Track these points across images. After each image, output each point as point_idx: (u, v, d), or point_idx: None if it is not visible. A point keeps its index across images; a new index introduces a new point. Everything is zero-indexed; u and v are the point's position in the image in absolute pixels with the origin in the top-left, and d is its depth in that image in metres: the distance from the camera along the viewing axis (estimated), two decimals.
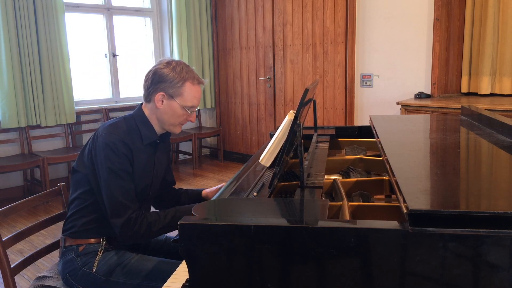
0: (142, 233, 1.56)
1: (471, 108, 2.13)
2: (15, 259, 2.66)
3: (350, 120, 4.60)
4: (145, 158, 1.67)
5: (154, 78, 1.64)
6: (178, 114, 1.66)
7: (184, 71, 1.64)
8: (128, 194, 1.57)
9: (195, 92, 1.66)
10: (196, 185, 4.75)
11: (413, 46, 4.08)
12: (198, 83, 1.68)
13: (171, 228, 1.62)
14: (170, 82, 1.62)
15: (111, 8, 5.08)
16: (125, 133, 1.61)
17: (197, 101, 1.68)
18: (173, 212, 1.62)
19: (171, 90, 1.62)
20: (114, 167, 1.55)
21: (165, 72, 1.63)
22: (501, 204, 1.01)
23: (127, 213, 1.55)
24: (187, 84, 1.63)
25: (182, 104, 1.64)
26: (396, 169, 1.21)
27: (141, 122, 1.67)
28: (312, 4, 4.66)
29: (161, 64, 1.66)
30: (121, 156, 1.56)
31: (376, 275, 0.94)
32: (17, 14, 4.08)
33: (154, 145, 1.71)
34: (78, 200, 1.66)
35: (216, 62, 5.73)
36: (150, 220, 1.58)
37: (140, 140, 1.66)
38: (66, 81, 4.47)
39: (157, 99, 1.64)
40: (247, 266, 1.00)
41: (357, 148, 2.09)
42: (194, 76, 1.67)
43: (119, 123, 1.65)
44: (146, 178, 1.69)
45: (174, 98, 1.63)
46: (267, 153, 1.64)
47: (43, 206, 4.07)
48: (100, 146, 1.57)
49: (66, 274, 1.61)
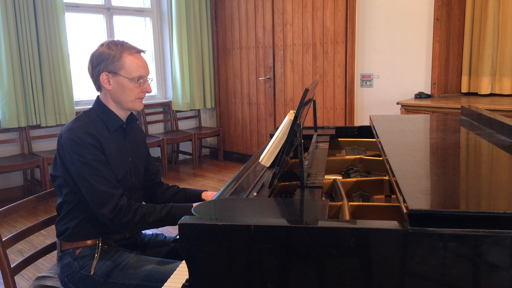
0: (136, 221, 1.55)
1: (471, 108, 2.13)
2: (15, 259, 2.66)
3: (350, 120, 4.60)
4: (115, 145, 1.65)
5: (93, 62, 1.63)
6: (129, 88, 1.63)
7: (118, 45, 1.63)
8: (107, 181, 1.55)
9: (137, 60, 1.64)
10: (196, 185, 4.75)
11: (413, 46, 4.08)
12: (136, 51, 1.66)
13: (165, 222, 1.62)
14: (107, 59, 1.60)
15: (111, 8, 5.08)
16: (87, 124, 1.60)
17: (144, 70, 1.66)
18: (168, 207, 1.63)
19: (111, 66, 1.61)
20: (84, 159, 1.53)
21: (101, 51, 1.62)
22: (501, 204, 1.01)
23: (113, 199, 1.53)
24: (124, 55, 1.62)
25: (129, 77, 1.62)
26: (396, 169, 1.21)
27: (101, 112, 1.66)
28: (312, 4, 4.66)
29: (96, 48, 1.66)
30: (89, 147, 1.55)
31: (376, 275, 0.94)
32: (17, 14, 4.08)
33: (121, 131, 1.70)
34: (65, 204, 1.65)
35: (216, 62, 5.73)
36: (145, 211, 1.58)
37: (106, 129, 1.64)
38: (66, 81, 4.47)
39: (104, 81, 1.63)
40: (247, 266, 1.00)
41: (357, 148, 2.09)
42: (131, 46, 1.66)
43: (80, 117, 1.64)
44: (122, 165, 1.67)
45: (118, 73, 1.61)
46: (267, 153, 1.64)
47: (43, 206, 4.07)
48: (65, 143, 1.56)
49: (64, 277, 1.61)
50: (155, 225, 1.61)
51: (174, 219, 1.60)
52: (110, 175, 1.58)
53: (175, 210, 1.62)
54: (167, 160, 5.35)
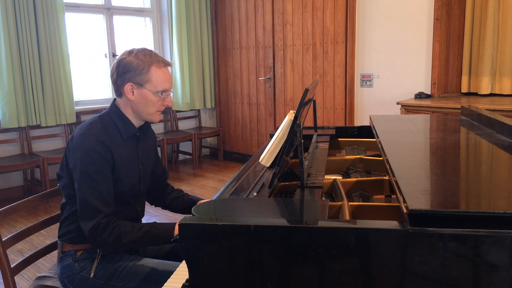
0: (110, 241, 1.49)
1: (471, 108, 2.13)
2: (15, 259, 2.66)
3: (350, 120, 4.60)
4: (127, 153, 1.63)
5: (119, 70, 1.59)
6: (152, 101, 1.61)
7: (147, 56, 1.59)
8: (101, 197, 1.51)
9: (163, 74, 1.61)
10: (196, 185, 4.75)
11: (413, 46, 4.08)
12: (164, 65, 1.62)
13: (142, 243, 1.57)
14: (135, 70, 1.57)
15: (111, 8, 5.08)
16: (101, 131, 1.57)
17: (169, 84, 1.63)
18: (148, 227, 1.55)
19: (138, 77, 1.58)
20: (86, 169, 1.50)
21: (129, 61, 1.57)
22: (501, 204, 1.01)
23: (98, 217, 1.48)
24: (153, 68, 1.58)
25: (153, 90, 1.59)
26: (396, 169, 1.21)
27: (117, 117, 1.63)
28: (312, 4, 4.66)
29: (123, 54, 1.61)
30: (97, 158, 1.51)
31: (376, 275, 0.94)
32: (17, 14, 4.08)
33: (134, 139, 1.68)
34: (68, 205, 1.64)
35: (216, 62, 5.73)
36: (121, 230, 1.51)
37: (119, 135, 1.62)
38: (66, 81, 4.47)
39: (127, 91, 1.59)
40: (247, 266, 1.00)
41: (357, 148, 2.09)
42: (159, 59, 1.62)
43: (94, 122, 1.60)
44: (132, 173, 1.65)
45: (143, 86, 1.58)
46: (267, 153, 1.64)
47: (43, 206, 4.07)
48: (74, 148, 1.54)
49: (64, 279, 1.61)
50: (130, 245, 1.55)
51: (153, 240, 1.55)
52: (107, 191, 1.53)
53: (154, 230, 1.55)
54: (167, 160, 5.35)
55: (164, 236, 1.54)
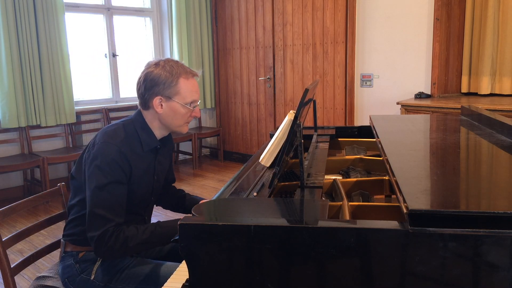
0: (117, 248, 1.45)
1: (471, 108, 2.13)
2: (15, 259, 2.66)
3: (350, 120, 4.60)
4: (145, 165, 1.61)
5: (147, 83, 1.56)
6: (181, 113, 1.58)
7: (174, 68, 1.56)
8: (112, 208, 1.48)
9: (191, 86, 1.59)
10: (196, 185, 4.75)
11: (413, 46, 4.08)
12: (192, 76, 1.60)
13: (149, 244, 1.53)
14: (164, 83, 1.54)
15: (111, 8, 5.08)
16: (123, 141, 1.54)
17: (197, 95, 1.61)
18: (152, 227, 1.53)
19: (167, 91, 1.55)
20: (102, 180, 1.47)
21: (157, 74, 1.54)
22: (501, 204, 1.01)
23: (106, 225, 1.45)
24: (181, 80, 1.56)
25: (182, 102, 1.57)
26: (396, 169, 1.21)
27: (140, 129, 1.60)
28: (312, 4, 4.66)
29: (150, 67, 1.57)
30: (115, 168, 1.49)
31: (376, 275, 0.94)
32: (17, 14, 4.08)
33: (154, 151, 1.66)
34: (76, 207, 1.63)
35: (216, 62, 5.73)
36: (127, 235, 1.47)
37: (140, 147, 1.59)
38: (66, 81, 4.47)
39: (156, 104, 1.56)
40: (247, 266, 1.00)
41: (357, 148, 2.09)
42: (186, 70, 1.59)
43: (118, 130, 1.57)
44: (146, 186, 1.63)
45: (172, 99, 1.56)
46: (267, 153, 1.64)
47: (43, 206, 4.07)
48: (95, 154, 1.51)
49: (65, 278, 1.61)
50: (138, 248, 1.51)
51: (160, 239, 1.52)
52: (119, 203, 1.50)
53: (160, 229, 1.52)
54: None
55: (170, 233, 1.52)
